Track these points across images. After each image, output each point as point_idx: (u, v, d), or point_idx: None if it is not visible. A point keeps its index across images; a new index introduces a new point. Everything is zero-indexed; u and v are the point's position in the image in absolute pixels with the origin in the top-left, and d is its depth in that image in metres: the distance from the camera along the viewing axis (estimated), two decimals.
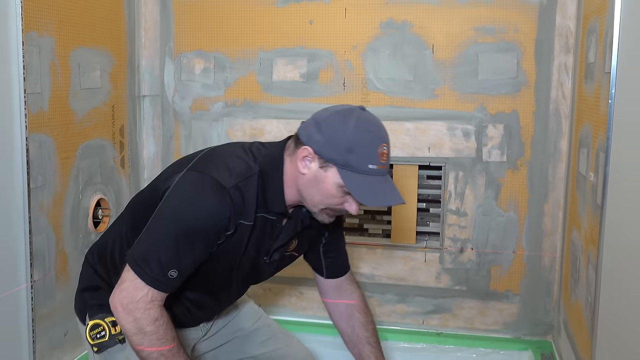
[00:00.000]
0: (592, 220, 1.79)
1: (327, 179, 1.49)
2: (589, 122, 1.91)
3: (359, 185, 1.47)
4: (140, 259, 1.48)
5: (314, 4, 2.42)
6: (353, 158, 1.46)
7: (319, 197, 1.53)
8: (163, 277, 1.48)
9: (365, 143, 1.48)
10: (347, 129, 1.47)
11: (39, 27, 1.97)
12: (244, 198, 1.50)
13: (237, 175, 1.51)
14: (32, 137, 1.95)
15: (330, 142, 1.47)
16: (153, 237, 1.50)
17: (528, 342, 2.41)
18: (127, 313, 1.49)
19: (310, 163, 1.50)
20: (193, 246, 1.49)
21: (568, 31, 2.26)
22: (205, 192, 1.49)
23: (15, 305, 1.93)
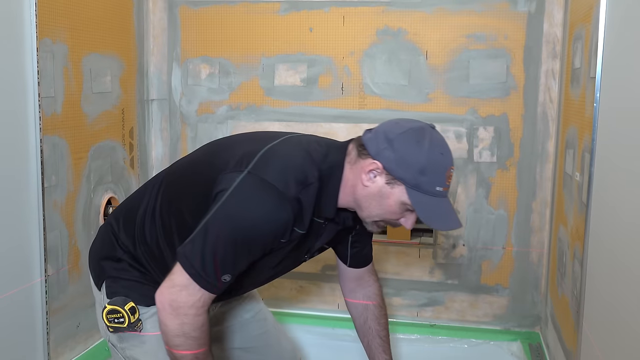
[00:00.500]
0: (578, 218, 1.79)
1: (392, 196, 1.42)
2: (575, 125, 1.91)
3: (426, 207, 1.41)
4: (196, 262, 1.37)
5: (313, 13, 2.42)
6: (424, 180, 1.38)
7: (378, 210, 1.46)
8: (217, 282, 1.39)
9: (437, 166, 1.40)
10: (421, 151, 1.38)
11: (53, 34, 1.97)
12: (303, 207, 1.41)
13: (298, 183, 1.40)
14: (46, 139, 1.94)
15: (403, 162, 1.38)
16: (212, 241, 1.37)
17: (517, 334, 2.41)
18: (176, 316, 1.39)
19: (376, 177, 1.42)
20: (250, 253, 1.41)
21: (555, 38, 2.26)
22: (267, 201, 1.38)
23: (30, 298, 1.93)
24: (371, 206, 1.45)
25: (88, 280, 2.18)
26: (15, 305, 1.87)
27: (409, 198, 1.40)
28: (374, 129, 1.46)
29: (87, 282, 2.18)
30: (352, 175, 1.46)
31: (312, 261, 2.52)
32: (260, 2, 2.46)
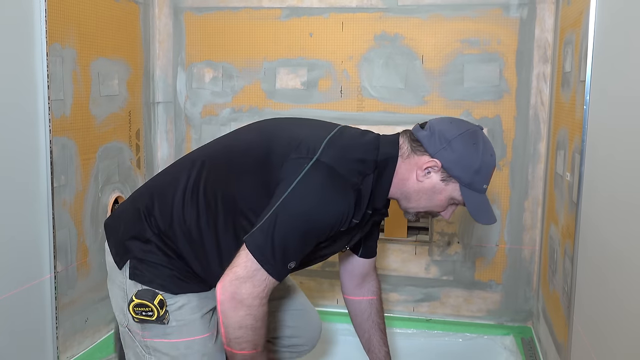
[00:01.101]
0: (569, 216, 1.79)
1: (444, 192, 1.45)
2: (566, 126, 1.91)
3: (475, 203, 1.45)
4: (267, 249, 1.33)
5: (313, 18, 2.42)
6: (477, 179, 1.42)
7: (426, 203, 1.48)
8: (284, 269, 1.36)
9: (489, 167, 1.44)
10: (477, 153, 1.42)
11: (62, 39, 1.97)
12: (362, 197, 1.42)
13: (359, 173, 1.41)
14: (55, 140, 1.94)
15: (461, 162, 1.41)
16: (282, 229, 1.33)
17: (510, 328, 2.41)
18: (240, 307, 1.33)
19: (431, 174, 1.43)
20: (316, 239, 1.39)
21: (546, 43, 2.25)
22: (337, 192, 1.37)
23: (40, 294, 1.93)
24: (421, 199, 1.47)
25: (96, 276, 2.19)
26: (26, 300, 1.87)
27: (461, 195, 1.44)
28: (427, 126, 1.46)
29: (95, 278, 2.19)
30: (405, 169, 1.46)
31: None
32: (262, 8, 2.46)
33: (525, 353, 2.22)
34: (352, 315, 1.87)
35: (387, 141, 1.50)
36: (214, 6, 2.50)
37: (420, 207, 1.49)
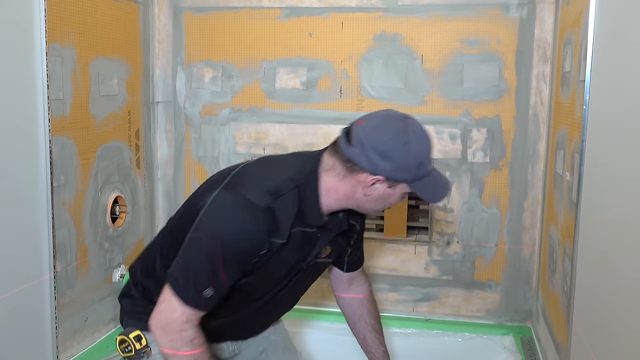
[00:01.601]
0: (568, 216, 1.79)
1: (394, 193, 1.44)
2: (565, 126, 1.91)
3: (426, 189, 1.44)
4: (176, 278, 1.39)
5: (313, 18, 2.42)
6: (421, 170, 1.40)
7: (381, 206, 1.48)
8: (198, 296, 1.38)
9: (428, 152, 1.42)
10: (413, 150, 1.38)
11: (62, 39, 1.97)
12: (278, 216, 1.39)
13: (271, 193, 1.39)
14: (55, 140, 1.94)
15: (402, 167, 1.38)
16: (189, 257, 1.39)
17: (509, 328, 2.41)
18: (164, 334, 1.41)
19: (377, 185, 1.41)
20: (227, 266, 1.38)
21: (546, 43, 2.25)
22: (239, 213, 1.37)
23: (40, 293, 1.93)
24: (375, 205, 1.47)
25: (95, 276, 2.20)
26: (26, 300, 1.87)
27: (411, 189, 1.43)
28: (354, 139, 1.39)
29: (94, 278, 2.19)
30: (347, 187, 1.43)
31: None
32: (262, 8, 2.46)
33: (524, 353, 2.22)
34: (345, 315, 1.88)
35: (310, 159, 1.49)
36: (214, 6, 2.50)
37: (376, 210, 1.51)
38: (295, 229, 1.43)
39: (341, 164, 1.41)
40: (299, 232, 1.45)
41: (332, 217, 1.52)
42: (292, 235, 1.43)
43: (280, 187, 1.41)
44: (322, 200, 1.44)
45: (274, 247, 1.42)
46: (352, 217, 1.58)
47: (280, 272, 1.53)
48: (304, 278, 1.64)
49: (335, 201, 1.46)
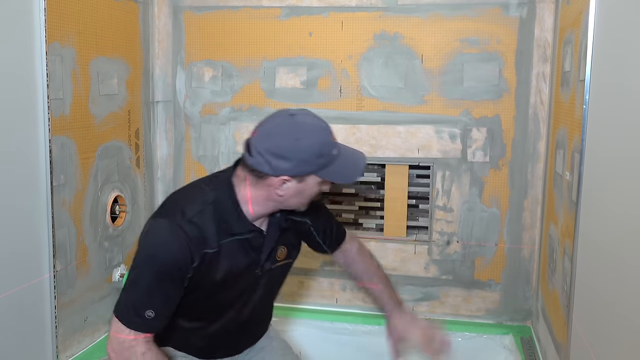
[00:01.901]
0: (568, 216, 1.79)
1: (308, 186, 1.49)
2: (565, 126, 1.91)
3: (337, 173, 1.48)
4: (119, 304, 1.49)
5: (313, 18, 2.42)
6: (323, 159, 1.45)
7: (302, 200, 1.53)
8: (140, 319, 1.46)
9: (324, 140, 1.47)
10: (304, 144, 1.44)
11: (61, 38, 1.97)
12: (201, 230, 1.48)
13: (190, 211, 1.49)
14: (54, 139, 1.94)
15: (302, 161, 1.44)
16: (128, 284, 1.50)
17: (509, 327, 2.41)
18: (117, 355, 1.49)
19: (287, 186, 1.47)
20: (161, 286, 1.47)
21: (546, 42, 2.25)
22: (161, 235, 1.47)
23: (40, 293, 1.93)
24: (296, 201, 1.53)
25: (95, 275, 2.20)
26: (25, 299, 1.87)
27: (322, 177, 1.48)
28: (252, 150, 1.48)
29: (94, 278, 2.19)
30: (261, 192, 1.51)
31: (312, 257, 2.53)
32: (262, 7, 2.46)
33: (524, 352, 2.22)
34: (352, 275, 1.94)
35: (223, 173, 1.60)
36: (214, 5, 2.50)
37: (303, 204, 1.55)
38: (226, 239, 1.52)
39: (249, 173, 1.50)
40: (232, 241, 1.53)
41: (271, 219, 1.60)
42: (224, 245, 1.52)
43: (198, 204, 1.50)
44: (244, 208, 1.52)
45: (207, 258, 1.50)
46: (293, 214, 1.65)
47: (235, 280, 1.58)
48: (271, 282, 1.70)
49: (261, 206, 1.53)
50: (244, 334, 1.78)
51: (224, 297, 1.61)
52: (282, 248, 1.66)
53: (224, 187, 1.54)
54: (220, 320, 1.66)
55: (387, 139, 2.40)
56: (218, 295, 1.59)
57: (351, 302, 2.54)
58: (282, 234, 1.64)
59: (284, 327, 2.51)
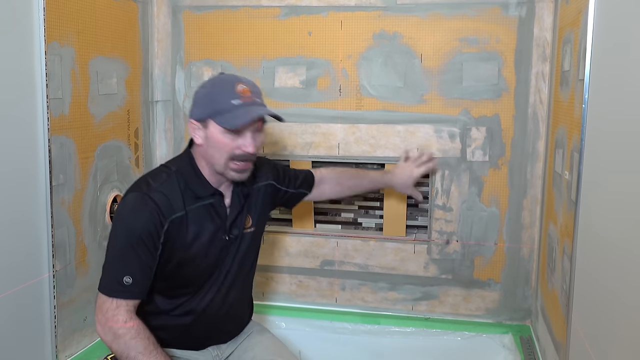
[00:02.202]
0: (567, 215, 1.79)
1: (213, 134, 1.60)
2: (564, 125, 1.91)
3: (230, 119, 1.57)
4: (101, 279, 1.61)
5: (312, 17, 2.42)
6: (218, 105, 1.58)
7: (217, 153, 1.62)
8: (120, 286, 1.57)
9: (221, 88, 1.60)
10: (205, 88, 1.64)
11: (60, 37, 1.97)
12: (168, 196, 1.61)
13: (155, 182, 1.64)
14: (54, 139, 1.94)
15: (199, 104, 1.63)
16: (107, 254, 1.62)
17: (508, 327, 2.41)
18: (102, 326, 1.58)
19: (199, 131, 1.64)
20: (135, 251, 1.58)
21: (545, 42, 2.25)
22: (130, 205, 1.60)
23: (39, 292, 1.93)
24: (213, 155, 1.63)
25: (95, 275, 2.20)
26: (25, 299, 1.87)
27: (219, 124, 1.58)
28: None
29: (93, 277, 2.19)
30: (199, 150, 1.68)
31: (311, 257, 2.53)
32: (261, 7, 2.46)
33: (523, 352, 2.22)
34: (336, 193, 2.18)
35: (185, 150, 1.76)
36: (213, 5, 2.50)
37: (220, 161, 1.63)
38: (192, 205, 1.66)
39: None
40: (198, 207, 1.68)
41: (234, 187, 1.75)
42: (191, 211, 1.66)
43: (164, 175, 1.66)
44: (204, 173, 1.69)
45: (176, 222, 1.63)
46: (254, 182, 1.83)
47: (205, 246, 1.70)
48: (243, 253, 1.80)
49: (207, 168, 1.68)
50: (227, 316, 1.82)
51: (199, 265, 1.70)
52: (247, 216, 1.80)
53: (184, 158, 1.71)
54: (199, 296, 1.74)
55: (386, 138, 2.40)
56: (192, 263, 1.69)
57: (351, 302, 2.54)
58: (246, 201, 1.78)
59: (283, 326, 2.51)
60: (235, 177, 1.66)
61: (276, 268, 2.59)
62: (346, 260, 2.52)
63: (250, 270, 1.88)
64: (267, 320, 2.50)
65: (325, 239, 2.53)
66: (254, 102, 1.61)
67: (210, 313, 1.77)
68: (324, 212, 2.61)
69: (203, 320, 1.77)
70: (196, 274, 1.72)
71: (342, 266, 2.53)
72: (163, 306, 1.73)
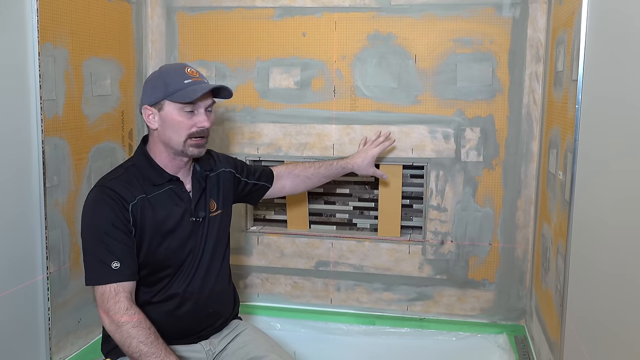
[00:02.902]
0: (561, 215, 1.79)
1: (168, 114, 1.72)
2: (558, 125, 1.91)
3: (183, 94, 1.69)
4: (86, 274, 1.67)
5: (306, 18, 2.42)
6: (171, 87, 1.70)
7: (175, 132, 1.73)
8: (109, 270, 1.64)
9: (173, 72, 1.74)
10: (156, 74, 1.76)
11: (54, 39, 1.96)
12: (126, 185, 1.72)
13: (112, 176, 1.75)
14: (47, 140, 1.93)
15: (153, 89, 1.73)
16: (84, 253, 1.69)
17: (503, 326, 2.42)
18: (105, 315, 1.64)
19: (153, 117, 1.74)
20: (112, 236, 1.66)
21: (538, 42, 2.26)
22: (93, 198, 1.70)
23: (33, 294, 1.92)
24: (170, 135, 1.74)
25: None
26: (19, 301, 1.86)
27: (174, 100, 1.70)
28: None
29: None
30: (152, 139, 1.79)
31: (306, 257, 2.53)
32: (256, 8, 2.45)
33: (518, 351, 2.23)
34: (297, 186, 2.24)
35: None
36: (207, 6, 2.49)
37: (179, 139, 1.73)
38: (152, 193, 1.76)
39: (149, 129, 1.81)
40: (159, 194, 1.78)
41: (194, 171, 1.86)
42: (152, 198, 1.76)
43: (122, 168, 1.79)
44: (158, 162, 1.79)
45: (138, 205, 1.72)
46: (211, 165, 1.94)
47: (175, 227, 1.79)
48: (213, 236, 1.89)
49: (162, 155, 1.78)
50: (209, 298, 1.89)
51: (171, 245, 1.79)
52: (211, 200, 1.90)
53: (138, 153, 1.82)
54: (178, 279, 1.82)
55: None
56: (165, 243, 1.77)
57: (345, 302, 2.54)
58: (206, 185, 1.89)
59: (278, 327, 2.51)
60: (195, 152, 1.77)
61: (271, 269, 2.59)
62: (341, 261, 2.52)
63: (225, 252, 1.97)
64: (262, 322, 2.50)
65: (320, 239, 2.53)
66: (204, 81, 1.75)
67: (191, 296, 1.84)
68: (319, 213, 2.61)
69: (187, 304, 1.83)
70: (170, 255, 1.80)
71: (336, 267, 2.53)
72: (145, 297, 1.78)
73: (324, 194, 2.60)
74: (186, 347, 1.85)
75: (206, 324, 1.91)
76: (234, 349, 1.91)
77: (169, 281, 1.81)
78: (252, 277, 2.61)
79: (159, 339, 1.63)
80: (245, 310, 2.51)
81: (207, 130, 1.77)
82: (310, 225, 2.61)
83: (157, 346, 1.61)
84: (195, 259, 1.85)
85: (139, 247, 1.74)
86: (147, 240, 1.75)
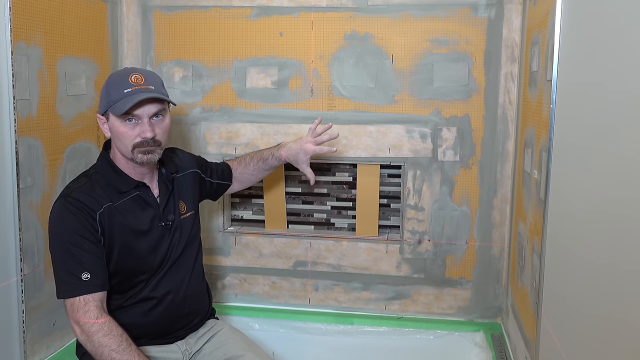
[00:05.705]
0: (536, 213, 1.81)
1: (113, 125, 1.70)
2: (533, 125, 1.94)
3: (119, 106, 1.65)
4: (57, 286, 1.66)
5: (283, 18, 2.42)
6: (112, 96, 1.67)
7: (121, 142, 1.70)
8: (78, 282, 1.63)
9: (116, 80, 1.70)
10: (105, 82, 1.74)
11: (27, 38, 1.93)
12: (90, 194, 1.69)
13: (75, 185, 1.72)
14: (21, 141, 1.91)
15: (101, 99, 1.73)
16: (53, 265, 1.67)
17: (480, 324, 2.44)
18: (76, 325, 1.62)
19: (105, 125, 1.74)
20: (81, 247, 1.65)
21: (514, 43, 2.28)
22: (57, 210, 1.68)
23: (7, 297, 1.89)
24: (119, 146, 1.72)
25: None
26: None
27: (112, 112, 1.68)
28: None
29: None
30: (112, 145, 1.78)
31: (284, 257, 2.52)
32: (232, 7, 2.44)
33: (495, 349, 2.25)
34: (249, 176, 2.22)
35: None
36: (183, 5, 2.48)
37: (125, 149, 1.71)
38: (119, 200, 1.74)
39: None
40: (126, 200, 1.76)
41: (159, 175, 1.85)
42: (119, 205, 1.73)
43: (80, 180, 1.75)
44: (122, 168, 1.77)
45: (105, 214, 1.70)
46: (177, 167, 1.93)
47: (145, 233, 1.77)
48: (185, 238, 1.87)
49: (121, 161, 1.76)
50: (184, 300, 1.88)
51: (142, 252, 1.77)
52: (180, 202, 1.89)
53: (101, 160, 1.80)
54: (152, 283, 1.81)
55: (358, 138, 2.41)
56: (136, 251, 1.75)
57: (324, 302, 2.55)
58: (174, 188, 1.88)
59: (257, 328, 2.50)
60: (144, 159, 1.71)
61: (249, 269, 2.58)
62: (319, 261, 2.52)
63: (198, 252, 1.96)
64: (240, 322, 2.49)
65: (298, 239, 2.53)
66: (146, 89, 1.68)
67: (166, 298, 1.83)
68: (297, 213, 2.61)
69: (162, 305, 1.83)
70: (142, 262, 1.78)
71: (315, 267, 2.53)
72: (118, 302, 1.78)
73: (302, 193, 2.60)
74: (162, 348, 1.84)
75: (182, 323, 1.90)
76: (211, 349, 1.90)
77: (143, 286, 1.81)
78: (230, 278, 2.60)
79: (132, 345, 1.62)
80: (223, 310, 2.50)
81: (151, 140, 1.69)
82: (288, 225, 2.61)
83: (130, 352, 1.60)
84: (168, 262, 1.84)
85: (109, 256, 1.72)
86: (116, 248, 1.73)
